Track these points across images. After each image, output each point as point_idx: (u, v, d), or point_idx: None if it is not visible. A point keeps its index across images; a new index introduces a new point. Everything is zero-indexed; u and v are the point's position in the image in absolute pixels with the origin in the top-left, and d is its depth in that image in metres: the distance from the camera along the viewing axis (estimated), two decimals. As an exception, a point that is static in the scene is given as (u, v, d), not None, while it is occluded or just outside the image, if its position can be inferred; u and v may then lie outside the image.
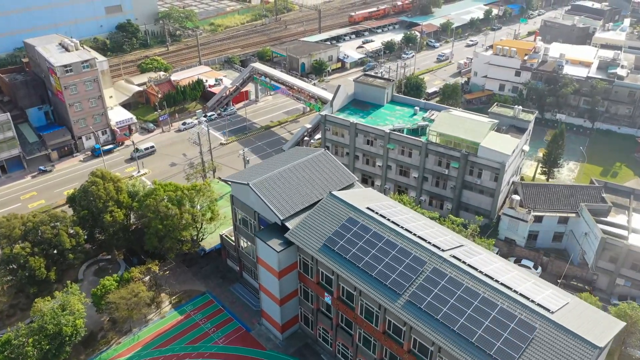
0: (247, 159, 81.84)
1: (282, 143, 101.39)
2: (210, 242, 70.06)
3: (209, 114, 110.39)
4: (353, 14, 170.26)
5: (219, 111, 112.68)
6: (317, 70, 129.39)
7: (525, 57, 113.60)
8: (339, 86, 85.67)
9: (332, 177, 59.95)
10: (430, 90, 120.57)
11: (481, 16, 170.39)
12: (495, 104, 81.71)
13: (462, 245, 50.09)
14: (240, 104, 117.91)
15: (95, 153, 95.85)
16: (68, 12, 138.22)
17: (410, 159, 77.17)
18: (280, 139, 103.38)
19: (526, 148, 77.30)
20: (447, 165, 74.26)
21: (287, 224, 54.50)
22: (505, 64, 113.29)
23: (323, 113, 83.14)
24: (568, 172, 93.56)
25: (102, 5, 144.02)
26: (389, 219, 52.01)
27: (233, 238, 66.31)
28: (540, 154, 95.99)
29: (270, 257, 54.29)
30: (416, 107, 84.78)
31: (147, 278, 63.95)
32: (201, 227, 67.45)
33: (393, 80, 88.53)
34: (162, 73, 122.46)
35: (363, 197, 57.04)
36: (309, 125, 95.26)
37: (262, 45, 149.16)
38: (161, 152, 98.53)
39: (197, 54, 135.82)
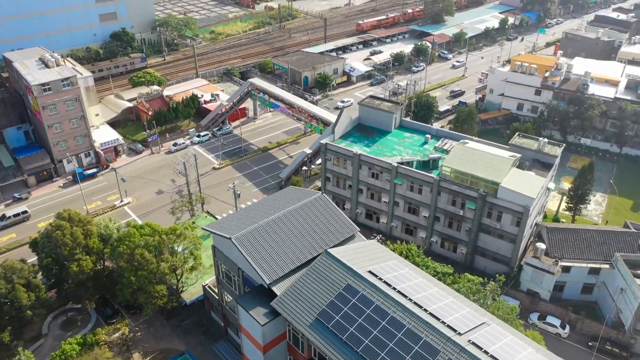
0: (238, 192, 73.69)
1: (280, 168, 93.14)
2: (192, 292, 61.94)
3: (202, 133, 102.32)
4: (361, 22, 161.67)
5: (213, 131, 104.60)
6: (321, 85, 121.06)
7: (546, 74, 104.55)
8: (342, 111, 77.29)
9: (329, 227, 51.58)
10: (442, 108, 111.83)
11: (496, 25, 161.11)
12: (517, 134, 72.81)
13: (482, 324, 41.50)
14: (237, 122, 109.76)
15: (77, 178, 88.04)
16: (60, 20, 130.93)
17: (421, 196, 68.57)
18: (278, 163, 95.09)
19: (551, 185, 68.48)
20: (462, 206, 65.61)
21: (274, 288, 46.22)
22: (525, 82, 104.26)
23: (324, 141, 74.78)
24: (595, 206, 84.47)
25: (96, 12, 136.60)
26: (394, 288, 43.55)
27: (217, 290, 58.19)
28: (564, 184, 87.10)
29: (254, 328, 45.99)
30: (427, 135, 76.18)
31: (116, 335, 56.01)
32: (181, 277, 59.32)
33: (401, 104, 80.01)
34: (154, 87, 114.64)
35: (364, 256, 48.57)
36: (308, 150, 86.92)
37: (264, 56, 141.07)
38: (148, 177, 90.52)
39: (195, 65, 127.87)
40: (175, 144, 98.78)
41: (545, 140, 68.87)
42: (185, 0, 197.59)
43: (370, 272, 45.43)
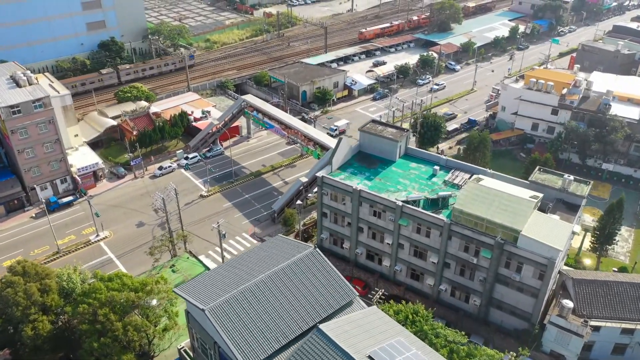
0: (224, 232, 65.80)
1: (274, 196, 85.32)
2: (167, 355, 54.12)
3: (190, 155, 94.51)
4: (363, 30, 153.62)
5: (201, 155, 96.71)
6: (320, 100, 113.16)
7: (564, 91, 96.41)
8: (340, 140, 69.34)
9: (323, 293, 43.72)
10: (450, 127, 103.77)
11: (506, 34, 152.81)
12: (538, 168, 64.53)
13: None
14: (229, 142, 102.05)
15: (51, 207, 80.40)
16: (44, 29, 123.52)
17: (429, 239, 60.58)
18: (272, 190, 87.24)
19: (577, 229, 60.37)
20: (476, 253, 57.60)
21: (254, 374, 38.43)
22: (541, 101, 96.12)
23: (320, 174, 66.86)
24: (621, 242, 76.38)
25: (83, 21, 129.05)
26: (399, 381, 35.72)
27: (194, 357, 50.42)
28: (587, 217, 79.09)
29: None
30: (436, 167, 68.17)
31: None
32: (153, 339, 51.52)
33: (407, 131, 71.99)
34: (142, 103, 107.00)
35: (363, 331, 40.69)
36: (304, 179, 79.06)
37: (261, 67, 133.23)
38: (129, 206, 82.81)
39: (186, 78, 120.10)
40: (160, 168, 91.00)
41: (571, 177, 60.64)
42: (181, 6, 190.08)
43: (370, 357, 37.57)
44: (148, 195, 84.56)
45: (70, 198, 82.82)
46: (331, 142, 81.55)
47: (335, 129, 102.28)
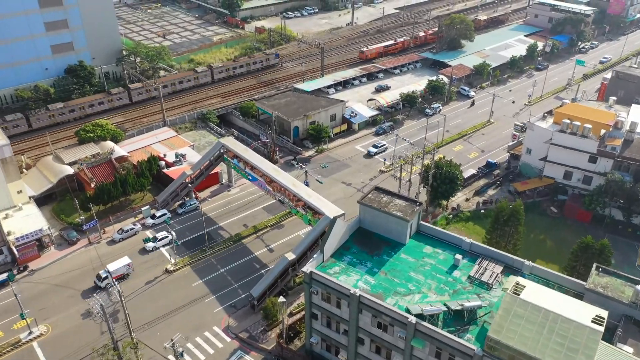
0: (181, 350, 50.51)
1: (255, 269, 70.09)
2: None
3: (158, 213, 79.25)
4: (364, 49, 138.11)
5: (175, 205, 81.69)
6: (315, 138, 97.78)
7: (602, 132, 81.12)
8: (335, 220, 54.02)
9: None
10: (467, 174, 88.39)
11: (523, 52, 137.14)
12: (595, 268, 48.91)
13: None
14: (207, 192, 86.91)
15: (-22, 289, 65.29)
16: (1, 53, 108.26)
17: (452, 368, 45.38)
18: (252, 261, 71.85)
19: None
20: (518, 396, 42.36)
21: None
22: (575, 146, 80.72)
23: (308, 269, 51.57)
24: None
25: (47, 43, 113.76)
26: None
27: None
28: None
29: None
30: (457, 256, 52.85)
31: None
32: None
33: (420, 204, 56.62)
34: (109, 143, 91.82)
35: None
36: (292, 256, 63.72)
37: (250, 93, 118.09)
38: (77, 286, 67.35)
39: (161, 109, 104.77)
40: (121, 231, 75.70)
41: (644, 286, 45.30)
42: (167, 19, 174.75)
43: None
44: (103, 269, 69.37)
45: (3, 277, 67.49)
46: (325, 207, 66.22)
47: (106, 275, 66.38)
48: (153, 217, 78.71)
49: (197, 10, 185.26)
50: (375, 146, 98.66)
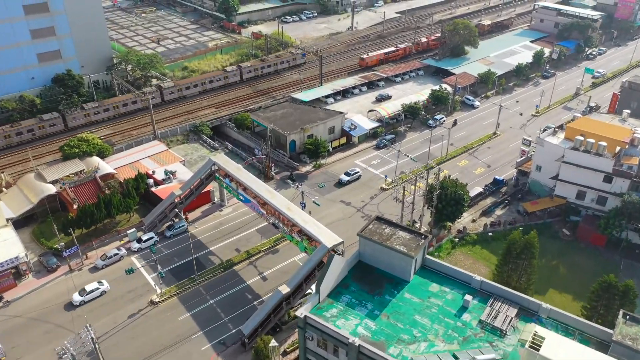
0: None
1: (247, 301, 65.23)
2: None
3: (145, 236, 74.32)
4: (365, 56, 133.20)
5: (163, 228, 76.79)
6: (312, 153, 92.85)
7: (617, 150, 76.27)
8: (332, 257, 49.08)
9: None
10: (473, 192, 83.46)
11: (529, 59, 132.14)
12: (622, 315, 43.80)
13: None
14: (198, 211, 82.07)
15: (-50, 323, 60.49)
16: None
17: None
18: (244, 291, 66.95)
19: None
20: None
21: None
22: (589, 165, 75.81)
23: (301, 314, 46.66)
24: None
25: (33, 51, 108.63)
26: None
27: None
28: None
29: None
30: (467, 297, 47.91)
31: None
32: None
33: (425, 237, 51.74)
34: (95, 159, 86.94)
35: None
36: (286, 289, 58.83)
37: (245, 103, 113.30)
38: (55, 319, 62.59)
39: (151, 121, 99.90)
40: (104, 257, 70.80)
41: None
42: (161, 24, 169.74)
43: None
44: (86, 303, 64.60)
45: (-24, 310, 62.83)
46: (322, 235, 61.39)
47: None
48: (139, 241, 73.77)
49: (192, 14, 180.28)
50: (347, 173, 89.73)
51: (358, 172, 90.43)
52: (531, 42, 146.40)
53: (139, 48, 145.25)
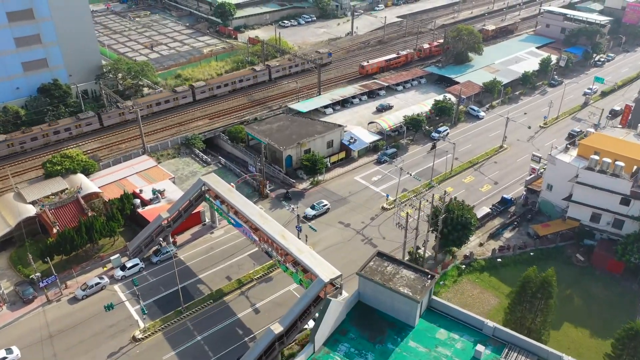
0: None
1: (237, 337, 60.26)
2: None
3: (129, 263, 69.37)
4: (365, 63, 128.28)
5: (149, 253, 71.84)
6: (310, 170, 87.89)
7: (634, 169, 71.33)
8: (329, 302, 44.17)
9: None
10: (480, 212, 78.52)
11: (536, 67, 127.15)
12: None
13: None
14: (187, 234, 77.17)
15: None
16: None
17: None
18: (235, 325, 61.97)
19: None
20: None
21: None
22: (605, 186, 70.82)
23: (294, 368, 41.84)
24: None
25: (17, 60, 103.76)
26: None
27: None
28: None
29: None
30: (479, 348, 43.00)
31: None
32: None
33: (432, 277, 46.81)
34: (79, 177, 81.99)
35: None
36: (279, 328, 53.74)
37: (240, 113, 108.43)
38: (29, 359, 57.81)
39: (140, 134, 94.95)
40: (85, 287, 65.83)
41: None
42: (155, 28, 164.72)
43: None
44: (59, 337, 59.69)
45: (-58, 349, 57.77)
46: (319, 267, 56.46)
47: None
48: (123, 268, 68.83)
49: (188, 18, 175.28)
50: (313, 207, 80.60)
51: (326, 205, 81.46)
52: (537, 48, 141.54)
53: (132, 54, 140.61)
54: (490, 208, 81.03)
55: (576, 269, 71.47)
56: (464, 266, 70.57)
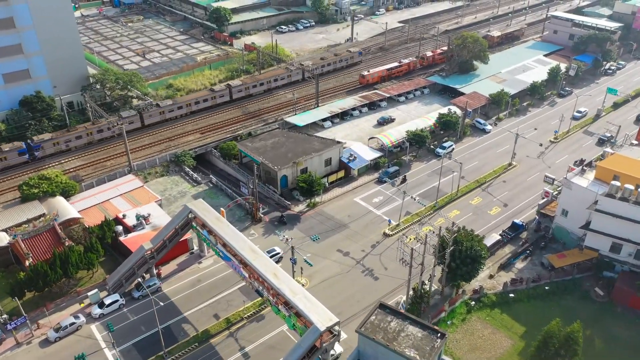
0: None
1: (225, 388, 54.61)
2: None
3: (108, 300, 63.50)
4: (365, 73, 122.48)
5: (130, 287, 66.03)
6: (306, 191, 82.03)
7: (656, 195, 65.54)
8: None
9: None
10: (489, 240, 72.62)
11: (544, 76, 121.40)
12: None
13: None
14: (173, 264, 71.36)
15: None
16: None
17: None
18: (222, 374, 56.40)
19: None
20: None
21: None
22: (627, 214, 64.95)
23: None
24: None
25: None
26: None
27: None
28: None
29: None
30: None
31: None
32: None
33: (444, 336, 41.06)
34: (59, 200, 76.23)
35: None
36: (268, 384, 48.15)
37: (233, 126, 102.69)
38: (-9, 414, 52.20)
39: (125, 150, 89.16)
40: (58, 328, 60.00)
41: None
42: (148, 34, 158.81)
43: None
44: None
45: None
46: (314, 313, 50.71)
47: None
48: (101, 305, 63.01)
49: (182, 23, 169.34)
50: (269, 252, 69.82)
51: (278, 253, 71.20)
52: (545, 55, 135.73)
53: (122, 62, 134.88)
54: (500, 234, 75.12)
55: (595, 305, 65.62)
56: (473, 302, 64.78)
